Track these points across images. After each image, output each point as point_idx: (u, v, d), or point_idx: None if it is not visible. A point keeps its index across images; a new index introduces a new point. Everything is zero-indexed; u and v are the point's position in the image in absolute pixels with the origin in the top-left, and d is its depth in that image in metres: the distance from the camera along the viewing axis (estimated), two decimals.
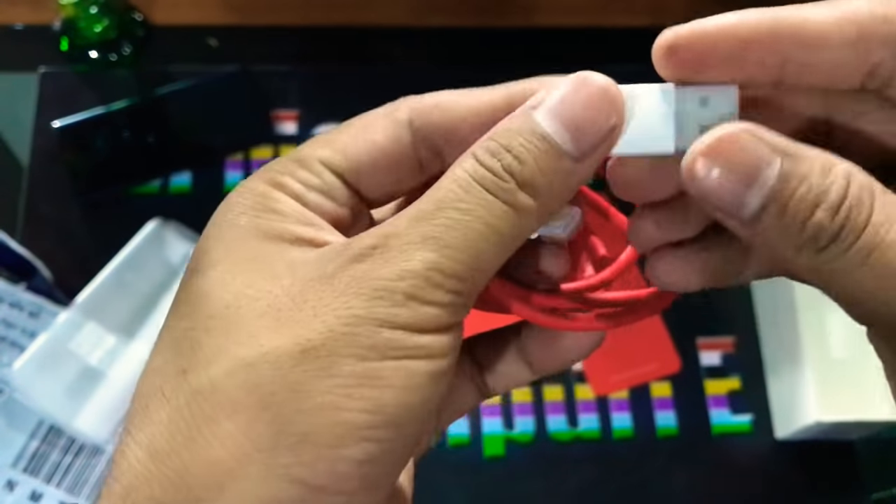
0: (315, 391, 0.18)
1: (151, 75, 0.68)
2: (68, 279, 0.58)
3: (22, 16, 0.70)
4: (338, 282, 0.19)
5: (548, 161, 0.19)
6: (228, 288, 0.19)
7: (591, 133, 0.19)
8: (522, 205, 0.19)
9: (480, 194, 0.19)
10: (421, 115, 0.21)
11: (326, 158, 0.21)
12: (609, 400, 0.60)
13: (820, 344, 0.59)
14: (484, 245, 0.19)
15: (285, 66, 0.69)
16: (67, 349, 0.54)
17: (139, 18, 0.69)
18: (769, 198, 0.18)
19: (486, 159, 0.19)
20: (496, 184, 0.19)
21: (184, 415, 0.18)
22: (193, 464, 0.18)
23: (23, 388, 0.53)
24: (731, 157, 0.18)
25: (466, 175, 0.19)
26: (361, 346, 0.18)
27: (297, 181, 0.21)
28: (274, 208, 0.20)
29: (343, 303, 0.19)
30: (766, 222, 0.18)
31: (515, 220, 0.19)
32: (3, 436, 0.53)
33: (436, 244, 0.19)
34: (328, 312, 0.19)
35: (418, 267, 0.19)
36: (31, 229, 0.61)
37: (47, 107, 0.65)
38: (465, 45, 0.71)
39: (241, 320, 0.19)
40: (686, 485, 0.59)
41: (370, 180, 0.22)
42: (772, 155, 0.18)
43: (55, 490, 0.52)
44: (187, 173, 0.65)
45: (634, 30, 0.72)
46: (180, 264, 0.59)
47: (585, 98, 0.19)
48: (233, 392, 0.18)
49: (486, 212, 0.19)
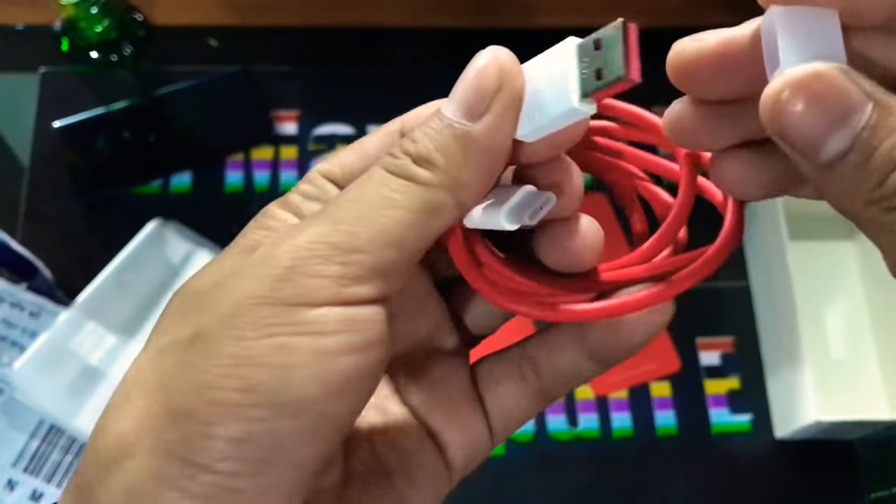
0: (196, 371, 0.19)
1: (152, 75, 0.68)
2: (69, 279, 0.58)
3: (22, 16, 0.70)
4: (246, 269, 0.20)
5: (440, 135, 0.20)
6: (198, 282, 0.21)
7: (475, 97, 0.20)
8: (419, 176, 0.20)
9: (380, 174, 0.20)
10: (408, 123, 0.23)
11: (324, 170, 0.23)
12: (609, 400, 0.60)
13: (819, 344, 0.59)
14: (383, 217, 0.20)
15: (285, 66, 0.69)
16: (68, 349, 0.54)
17: (139, 19, 0.69)
18: (852, 144, 0.17)
19: (393, 150, 0.21)
20: (394, 164, 0.20)
21: (125, 384, 0.20)
22: (108, 438, 0.19)
23: (23, 388, 0.53)
24: (820, 92, 0.17)
25: (375, 166, 0.21)
26: (241, 326, 0.19)
27: (299, 194, 0.22)
28: (267, 225, 0.22)
29: (235, 286, 0.19)
30: (842, 170, 0.17)
31: (420, 192, 0.20)
32: (3, 435, 0.53)
33: (327, 219, 0.20)
34: (223, 297, 0.19)
35: (304, 240, 0.19)
36: (31, 229, 0.61)
37: (48, 107, 0.66)
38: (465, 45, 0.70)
39: (184, 308, 0.21)
40: (685, 484, 0.59)
41: None
42: (864, 99, 0.17)
43: (56, 490, 0.52)
44: (188, 173, 0.65)
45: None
46: (180, 264, 0.59)
47: (468, 71, 0.20)
48: (146, 372, 0.20)
49: (383, 186, 0.20)
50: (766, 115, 0.18)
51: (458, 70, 0.21)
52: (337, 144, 0.66)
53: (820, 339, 0.59)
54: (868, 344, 0.60)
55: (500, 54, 0.20)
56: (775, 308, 0.61)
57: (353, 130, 0.66)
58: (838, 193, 0.18)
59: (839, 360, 0.59)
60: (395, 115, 0.23)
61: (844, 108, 0.17)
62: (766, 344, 0.62)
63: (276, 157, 0.66)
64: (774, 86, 0.17)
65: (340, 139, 0.66)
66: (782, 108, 0.17)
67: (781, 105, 0.17)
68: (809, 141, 0.17)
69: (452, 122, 0.20)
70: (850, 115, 0.17)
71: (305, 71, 0.69)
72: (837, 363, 0.59)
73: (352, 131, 0.66)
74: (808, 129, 0.17)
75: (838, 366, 0.59)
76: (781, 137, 0.18)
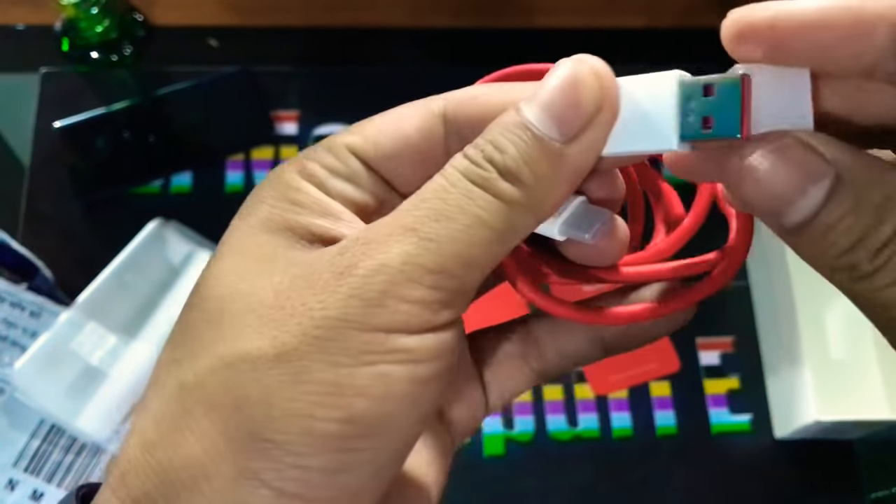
0: (286, 397, 0.17)
1: (152, 76, 0.68)
2: (69, 279, 0.58)
3: (23, 16, 0.70)
4: (317, 278, 0.18)
5: (530, 148, 0.19)
6: (228, 281, 0.19)
7: (573, 114, 0.19)
8: (506, 193, 0.18)
9: (464, 185, 0.18)
10: (456, 106, 0.21)
11: (353, 145, 0.21)
12: (608, 399, 0.60)
13: (819, 343, 0.59)
14: (468, 237, 0.18)
15: (285, 66, 0.69)
16: (68, 349, 0.54)
17: (140, 19, 0.69)
18: (812, 216, 0.17)
19: (472, 153, 0.19)
20: (478, 174, 0.18)
21: (171, 407, 0.18)
22: (175, 457, 0.18)
23: (24, 388, 0.53)
24: (781, 163, 0.17)
25: (453, 169, 0.19)
26: (334, 351, 0.17)
27: (323, 167, 0.21)
28: (293, 199, 0.20)
29: (318, 302, 0.18)
30: (805, 237, 0.17)
31: (504, 211, 0.18)
32: (4, 435, 0.53)
33: (415, 236, 0.18)
34: (304, 312, 0.18)
35: (395, 260, 0.18)
36: (32, 229, 0.61)
37: (48, 107, 0.66)
38: (465, 45, 0.71)
39: (231, 316, 0.19)
40: (685, 484, 0.59)
41: (399, 171, 0.21)
42: (825, 170, 0.17)
43: (56, 489, 0.52)
44: (188, 173, 0.65)
45: (634, 30, 0.72)
46: (181, 264, 0.59)
47: (563, 81, 0.19)
48: (212, 389, 0.18)
49: (470, 201, 0.18)
50: (730, 179, 0.18)
51: (459, 70, 0.21)
52: None
53: (820, 338, 0.59)
54: (868, 344, 0.60)
55: (600, 68, 0.19)
56: (775, 308, 0.61)
57: None
58: (806, 256, 0.18)
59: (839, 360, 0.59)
60: None
61: (804, 180, 0.17)
62: (766, 344, 0.62)
63: (277, 158, 0.66)
64: (738, 151, 0.18)
65: None
66: (744, 176, 0.17)
67: (743, 173, 0.17)
68: (771, 210, 0.17)
69: (545, 138, 0.18)
70: (808, 188, 0.17)
71: (305, 71, 0.69)
72: (837, 363, 0.59)
73: None
74: (769, 198, 0.17)
75: (838, 366, 0.59)
76: (744, 202, 0.18)
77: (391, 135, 0.21)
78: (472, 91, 0.21)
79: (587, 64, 0.19)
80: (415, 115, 0.21)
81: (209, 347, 0.19)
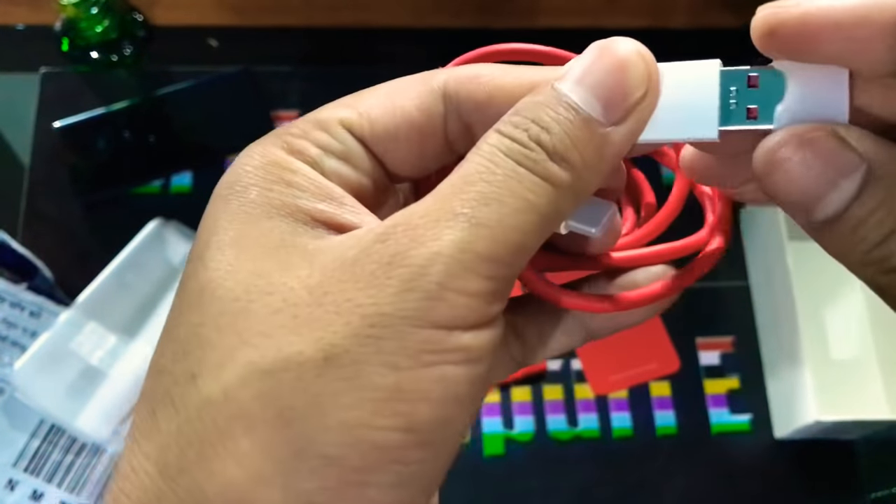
0: (340, 406, 0.16)
1: (152, 76, 0.68)
2: (69, 279, 0.58)
3: (23, 16, 0.70)
4: (360, 269, 0.16)
5: (577, 129, 0.17)
6: (237, 277, 0.17)
7: (621, 97, 0.18)
8: (556, 177, 0.17)
9: (510, 165, 0.17)
10: (457, 84, 0.20)
11: (348, 121, 0.19)
12: (608, 399, 0.60)
13: (819, 343, 0.59)
14: (519, 222, 0.17)
15: (286, 66, 0.69)
16: (68, 349, 0.54)
17: (140, 19, 0.69)
18: (844, 209, 0.16)
19: (511, 131, 0.17)
20: (525, 154, 0.17)
21: (195, 427, 0.16)
22: (208, 484, 0.16)
23: (24, 388, 0.53)
24: (813, 155, 0.17)
25: (493, 148, 0.17)
26: (392, 352, 0.16)
27: (315, 145, 0.19)
28: (288, 180, 0.18)
29: (368, 297, 0.16)
30: (835, 232, 0.17)
31: (552, 195, 0.17)
32: (4, 435, 0.53)
33: (467, 221, 0.16)
34: (352, 309, 0.16)
35: (449, 248, 0.16)
36: (32, 229, 0.61)
37: (48, 107, 0.66)
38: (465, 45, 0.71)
39: (254, 317, 0.17)
40: (685, 484, 0.59)
41: (395, 151, 0.20)
42: (857, 164, 0.16)
43: (56, 489, 0.52)
44: (188, 173, 0.65)
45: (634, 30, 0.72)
46: (181, 264, 0.59)
47: (610, 63, 0.18)
48: (248, 403, 0.16)
49: (518, 184, 0.17)
50: (759, 170, 0.17)
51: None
52: None
53: (820, 339, 0.59)
54: (868, 344, 0.60)
55: (646, 52, 0.18)
56: (775, 308, 0.61)
57: None
58: (833, 251, 0.17)
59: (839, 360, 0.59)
60: None
61: (836, 173, 0.16)
62: (766, 344, 0.62)
63: None
64: (769, 143, 0.17)
65: None
66: (774, 168, 0.17)
67: (774, 165, 0.17)
68: (800, 203, 0.17)
69: (592, 120, 0.18)
70: (840, 181, 0.16)
71: (306, 71, 0.69)
72: (837, 363, 0.59)
73: None
74: (799, 191, 0.17)
75: (838, 366, 0.59)
76: (773, 195, 0.17)
77: (389, 111, 0.19)
78: (474, 70, 0.20)
79: (634, 46, 0.18)
80: (413, 91, 0.20)
81: (233, 355, 0.16)
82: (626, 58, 0.18)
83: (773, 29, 0.18)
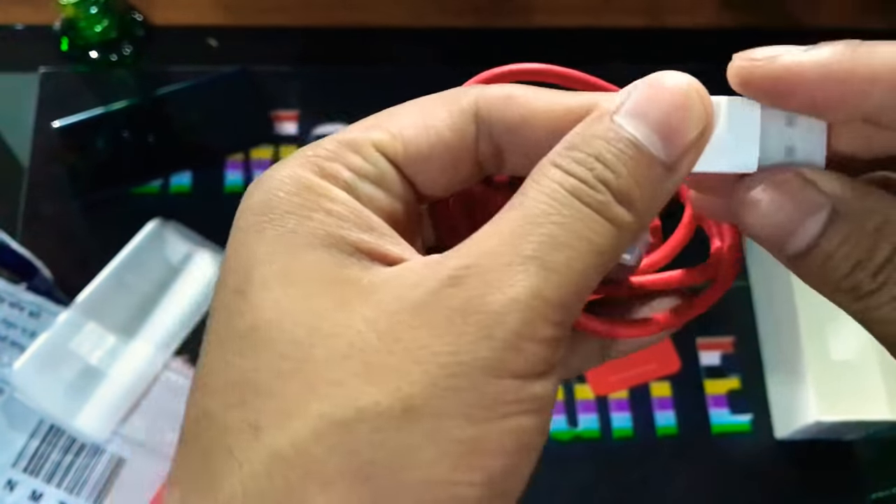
0: (420, 461, 0.15)
1: (151, 75, 0.68)
2: (68, 279, 0.58)
3: (22, 16, 0.70)
4: (433, 314, 0.16)
5: (641, 169, 0.17)
6: (294, 318, 0.16)
7: (682, 136, 0.18)
8: (621, 219, 0.17)
9: (576, 206, 0.17)
10: (489, 105, 0.19)
11: (381, 143, 0.19)
12: (609, 400, 0.60)
13: (819, 344, 0.59)
14: (585, 265, 0.17)
15: (285, 66, 0.69)
16: (68, 349, 0.54)
17: (139, 19, 0.69)
18: (810, 246, 0.18)
19: (575, 169, 0.17)
20: (592, 196, 0.17)
21: (263, 484, 0.15)
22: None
23: (23, 388, 0.53)
24: (782, 196, 0.18)
25: (556, 186, 0.17)
26: (470, 403, 0.15)
27: (348, 168, 0.18)
28: (328, 209, 0.17)
29: (445, 344, 0.16)
30: (806, 265, 0.18)
31: (615, 237, 0.17)
32: (3, 435, 0.53)
33: (538, 266, 0.16)
34: (429, 358, 0.15)
35: (524, 294, 0.16)
36: (31, 229, 0.61)
37: (47, 107, 0.65)
38: (465, 45, 0.71)
39: (321, 364, 0.16)
40: (686, 484, 0.59)
41: (426, 173, 0.19)
42: (822, 203, 0.18)
43: (55, 490, 0.52)
44: (187, 173, 0.65)
45: (633, 30, 0.72)
46: (180, 264, 0.59)
47: (671, 98, 0.18)
48: (323, 458, 0.15)
49: (586, 227, 0.17)
50: (736, 209, 0.19)
51: (459, 70, 0.20)
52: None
53: (820, 339, 0.59)
54: (868, 344, 0.60)
55: (703, 91, 0.18)
56: (775, 308, 0.61)
57: None
58: (809, 281, 0.19)
59: (839, 360, 0.59)
60: None
61: (803, 213, 0.18)
62: (766, 344, 0.62)
63: (276, 157, 0.66)
64: (745, 184, 0.19)
65: None
66: (749, 208, 0.18)
67: (748, 205, 0.18)
68: (773, 239, 0.18)
69: (654, 159, 0.17)
70: (807, 219, 0.18)
71: (305, 71, 0.69)
72: (838, 364, 0.59)
73: None
74: (771, 228, 0.18)
75: (838, 366, 0.59)
76: (748, 232, 0.19)
77: (422, 132, 0.19)
78: (506, 91, 0.19)
79: (692, 83, 0.18)
80: (444, 111, 0.19)
81: (301, 406, 0.15)
82: (687, 94, 0.18)
83: (745, 81, 0.19)
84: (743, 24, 0.73)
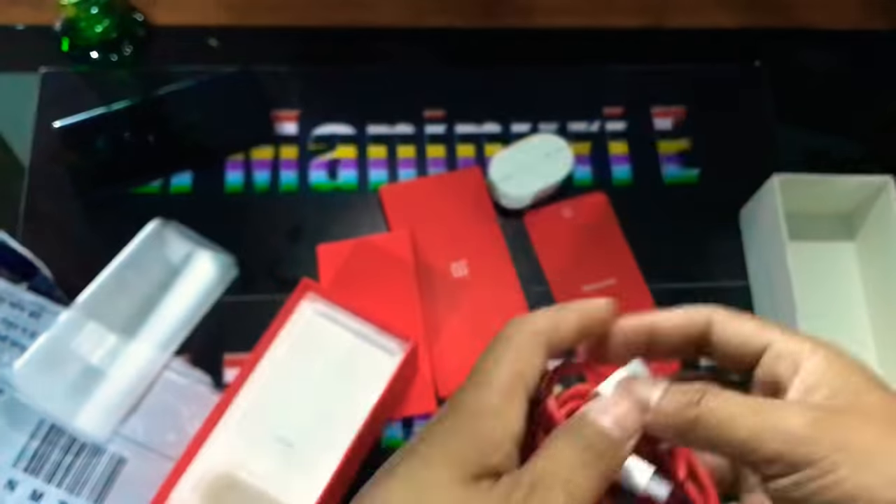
0: None
1: (152, 75, 0.68)
2: (69, 279, 0.58)
3: (23, 16, 0.70)
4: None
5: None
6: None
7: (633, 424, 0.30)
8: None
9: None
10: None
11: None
12: None
13: None
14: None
15: (286, 66, 0.69)
16: (68, 349, 0.54)
17: (140, 19, 0.70)
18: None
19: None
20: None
21: None
22: None
23: (24, 388, 0.53)
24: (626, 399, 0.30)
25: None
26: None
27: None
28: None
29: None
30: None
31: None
32: (3, 435, 0.53)
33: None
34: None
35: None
36: (32, 229, 0.61)
37: (48, 107, 0.66)
38: (465, 45, 0.71)
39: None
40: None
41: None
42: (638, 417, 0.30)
43: (56, 489, 0.52)
44: (188, 173, 0.65)
45: (633, 30, 0.72)
46: (180, 264, 0.59)
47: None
48: None
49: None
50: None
51: (459, 70, 0.20)
52: (337, 144, 0.66)
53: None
54: (868, 345, 0.60)
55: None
56: (775, 308, 0.61)
57: (353, 130, 0.66)
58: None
59: None
60: (395, 115, 0.22)
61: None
62: None
63: (277, 157, 0.66)
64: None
65: (340, 139, 0.66)
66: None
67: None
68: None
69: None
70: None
71: (305, 71, 0.69)
72: None
73: (352, 131, 0.66)
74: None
75: None
76: (651, 431, 0.29)
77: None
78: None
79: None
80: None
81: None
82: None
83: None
84: (743, 25, 0.73)
